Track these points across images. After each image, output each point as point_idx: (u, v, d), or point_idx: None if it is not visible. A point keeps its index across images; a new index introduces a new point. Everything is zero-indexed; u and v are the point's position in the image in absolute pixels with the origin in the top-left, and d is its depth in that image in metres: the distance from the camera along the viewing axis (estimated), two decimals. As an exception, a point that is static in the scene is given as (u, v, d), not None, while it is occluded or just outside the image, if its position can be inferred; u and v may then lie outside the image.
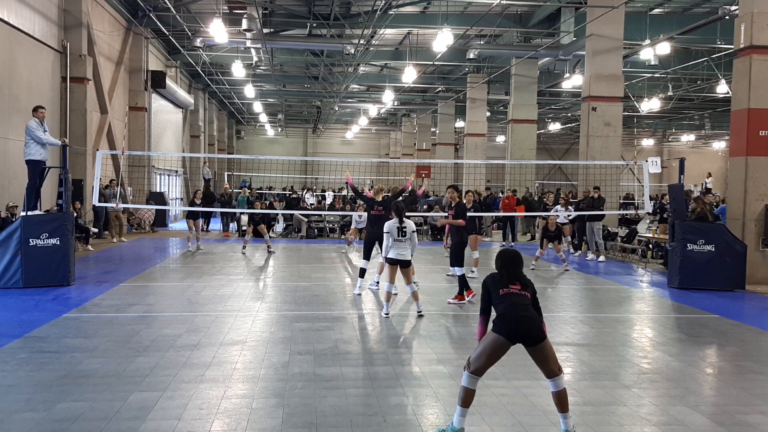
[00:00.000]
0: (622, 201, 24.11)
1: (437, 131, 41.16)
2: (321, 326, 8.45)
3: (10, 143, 15.04)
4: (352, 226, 18.69)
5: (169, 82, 26.60)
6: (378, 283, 11.34)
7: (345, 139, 57.80)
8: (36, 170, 11.35)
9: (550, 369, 4.72)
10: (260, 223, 17.24)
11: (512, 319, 4.68)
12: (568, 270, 14.51)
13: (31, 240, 10.85)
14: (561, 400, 4.73)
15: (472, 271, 13.10)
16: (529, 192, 24.24)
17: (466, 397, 4.76)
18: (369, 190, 13.93)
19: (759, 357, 7.45)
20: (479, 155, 31.08)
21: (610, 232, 18.15)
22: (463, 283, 10.30)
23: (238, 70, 25.91)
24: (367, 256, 11.06)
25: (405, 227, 9.16)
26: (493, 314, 4.89)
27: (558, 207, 17.07)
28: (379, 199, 11.26)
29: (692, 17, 21.43)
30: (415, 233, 9.32)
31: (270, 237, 17.60)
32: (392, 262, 9.19)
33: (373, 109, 40.65)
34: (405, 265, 9.19)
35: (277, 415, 5.23)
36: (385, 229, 9.26)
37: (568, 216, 17.08)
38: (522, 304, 4.76)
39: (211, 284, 11.64)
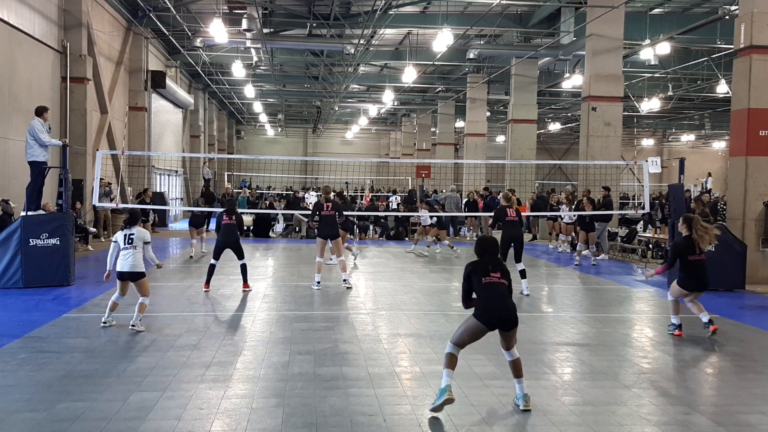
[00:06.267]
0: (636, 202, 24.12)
1: (437, 131, 41.13)
2: (321, 326, 8.45)
3: (10, 143, 15.03)
4: (423, 224, 18.03)
5: (169, 82, 26.59)
6: (319, 283, 11.40)
7: (345, 139, 57.76)
8: (38, 171, 11.36)
9: (511, 344, 5.48)
10: (200, 227, 16.32)
11: (493, 309, 5.32)
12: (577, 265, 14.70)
13: (31, 240, 10.86)
14: (516, 367, 5.50)
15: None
16: (539, 191, 24.20)
17: (450, 361, 5.42)
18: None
19: (759, 357, 7.44)
20: (479, 155, 31.08)
21: (610, 232, 18.12)
22: (210, 274, 10.90)
23: (238, 70, 25.90)
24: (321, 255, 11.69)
25: (133, 234, 8.10)
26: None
27: (563, 207, 17.05)
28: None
29: (692, 17, 21.42)
30: (149, 244, 8.29)
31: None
32: (121, 276, 8.15)
33: (373, 109, 40.63)
34: (136, 277, 8.14)
35: (277, 415, 5.23)
36: (113, 238, 8.32)
37: (573, 216, 17.07)
38: (502, 294, 5.38)
39: (211, 284, 11.63)
